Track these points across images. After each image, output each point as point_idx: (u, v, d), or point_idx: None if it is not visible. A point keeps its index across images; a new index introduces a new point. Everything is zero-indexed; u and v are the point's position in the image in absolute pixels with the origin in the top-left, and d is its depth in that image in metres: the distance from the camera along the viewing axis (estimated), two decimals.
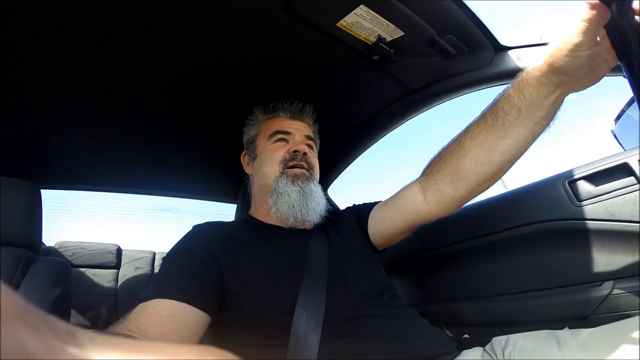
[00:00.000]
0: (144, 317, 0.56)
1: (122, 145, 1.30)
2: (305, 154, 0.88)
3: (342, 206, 1.39)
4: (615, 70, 0.56)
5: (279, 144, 0.90)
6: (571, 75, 0.56)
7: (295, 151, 0.87)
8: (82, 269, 2.06)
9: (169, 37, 0.84)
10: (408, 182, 0.84)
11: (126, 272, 2.18)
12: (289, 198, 0.81)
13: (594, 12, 0.48)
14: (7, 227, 0.99)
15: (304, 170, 0.86)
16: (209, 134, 1.29)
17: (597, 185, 0.83)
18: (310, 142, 0.94)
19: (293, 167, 0.86)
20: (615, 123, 0.96)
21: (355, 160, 1.44)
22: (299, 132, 0.92)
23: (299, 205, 0.81)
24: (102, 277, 2.09)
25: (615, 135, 0.97)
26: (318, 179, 0.91)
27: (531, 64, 0.61)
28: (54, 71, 0.92)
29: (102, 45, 0.85)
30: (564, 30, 0.53)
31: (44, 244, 1.86)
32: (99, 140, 1.25)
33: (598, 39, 0.51)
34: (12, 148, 1.23)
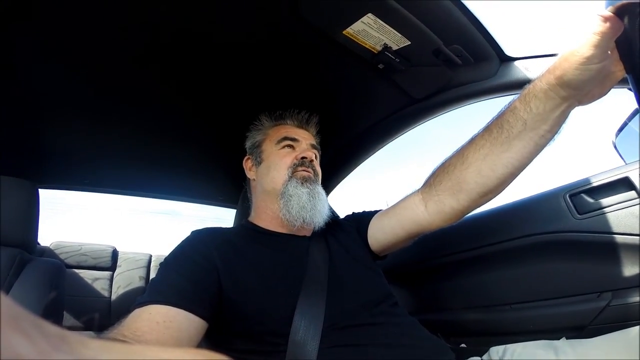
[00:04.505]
0: (139, 323, 0.55)
1: (122, 145, 1.30)
2: (312, 160, 0.89)
3: (340, 212, 1.39)
4: (619, 82, 0.57)
5: (287, 150, 0.90)
6: (580, 88, 0.56)
7: (303, 157, 0.87)
8: (77, 270, 2.04)
9: (173, 39, 0.84)
10: (410, 191, 0.84)
11: (121, 274, 2.16)
12: (300, 199, 0.81)
13: (607, 24, 0.47)
14: (4, 227, 0.98)
15: (311, 174, 0.87)
16: (210, 138, 1.28)
17: (597, 198, 0.84)
18: (315, 152, 0.94)
19: (301, 171, 0.86)
20: (617, 135, 0.96)
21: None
22: (306, 140, 0.92)
23: (308, 206, 0.81)
24: (97, 279, 2.07)
25: (616, 148, 0.97)
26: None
27: (539, 76, 0.61)
28: (54, 70, 0.91)
29: (103, 44, 0.84)
30: (574, 43, 0.52)
31: (39, 244, 1.84)
32: (99, 140, 1.25)
33: (609, 52, 0.51)
34: (11, 146, 1.21)
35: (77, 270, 2.04)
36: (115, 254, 2.23)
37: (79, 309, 1.86)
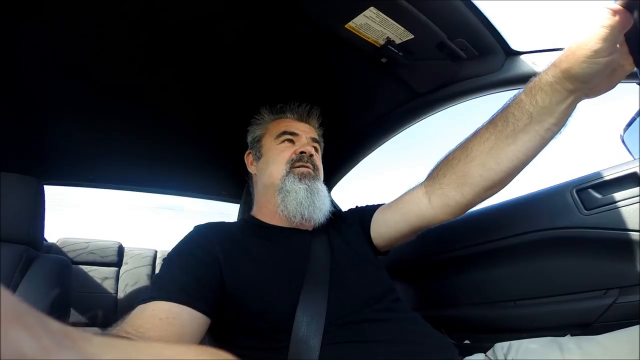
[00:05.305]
0: (142, 320, 0.55)
1: (125, 142, 1.30)
2: (311, 155, 0.88)
3: (344, 207, 1.39)
4: (628, 77, 0.55)
5: (286, 145, 0.89)
6: (587, 82, 0.55)
7: (302, 152, 0.87)
8: (83, 266, 2.07)
9: (175, 34, 0.84)
10: (413, 185, 0.84)
11: (127, 270, 2.19)
12: (297, 195, 0.81)
13: (616, 18, 0.46)
14: (10, 224, 0.99)
15: (310, 170, 0.86)
16: (213, 133, 1.28)
17: (605, 194, 0.82)
18: (316, 145, 0.93)
19: (299, 167, 0.86)
20: (625, 130, 0.95)
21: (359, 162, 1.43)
22: (306, 134, 0.92)
23: (306, 202, 0.81)
24: (103, 275, 2.10)
25: (624, 143, 0.95)
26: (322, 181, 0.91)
27: (545, 68, 0.60)
28: (58, 67, 0.92)
29: (105, 41, 0.84)
30: (581, 36, 0.51)
31: (45, 240, 1.87)
32: (102, 137, 1.26)
33: (618, 45, 0.50)
34: (15, 144, 1.23)
35: (83, 267, 2.07)
36: (121, 249, 2.26)
37: (85, 305, 1.89)
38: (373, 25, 0.79)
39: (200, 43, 0.87)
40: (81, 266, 2.05)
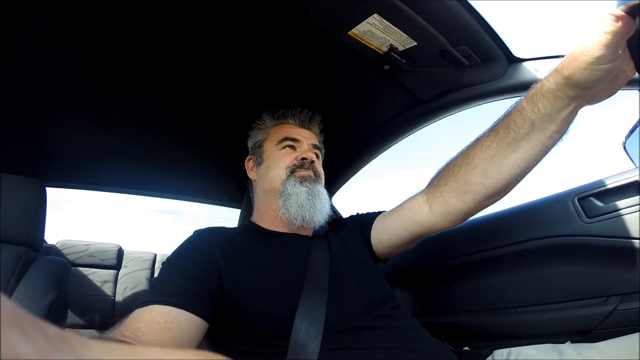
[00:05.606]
0: (140, 323, 0.55)
1: (126, 145, 1.31)
2: (312, 162, 0.88)
3: (345, 212, 1.39)
4: (630, 84, 0.56)
5: (287, 150, 0.89)
6: (588, 89, 0.55)
7: (303, 158, 0.87)
8: (82, 269, 2.07)
9: (177, 38, 0.84)
10: (414, 192, 0.84)
11: (126, 273, 2.18)
12: (298, 198, 0.81)
13: (619, 24, 0.46)
14: (10, 225, 0.99)
15: (311, 174, 0.86)
16: (215, 138, 1.29)
17: (607, 202, 0.82)
18: (317, 152, 0.94)
19: (300, 171, 0.86)
20: (627, 138, 0.94)
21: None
22: (307, 140, 0.92)
23: (307, 204, 0.81)
24: (102, 277, 2.10)
25: (626, 151, 0.95)
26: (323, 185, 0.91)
27: (546, 75, 0.60)
28: (60, 70, 0.92)
29: (108, 45, 0.85)
30: (583, 42, 0.51)
31: (45, 242, 1.86)
32: (105, 140, 1.26)
33: (620, 52, 0.50)
34: (17, 146, 1.23)
35: (82, 269, 2.06)
36: (120, 252, 2.26)
37: (83, 307, 1.88)
38: (376, 32, 0.79)
39: (202, 47, 0.87)
40: (80, 268, 2.05)
